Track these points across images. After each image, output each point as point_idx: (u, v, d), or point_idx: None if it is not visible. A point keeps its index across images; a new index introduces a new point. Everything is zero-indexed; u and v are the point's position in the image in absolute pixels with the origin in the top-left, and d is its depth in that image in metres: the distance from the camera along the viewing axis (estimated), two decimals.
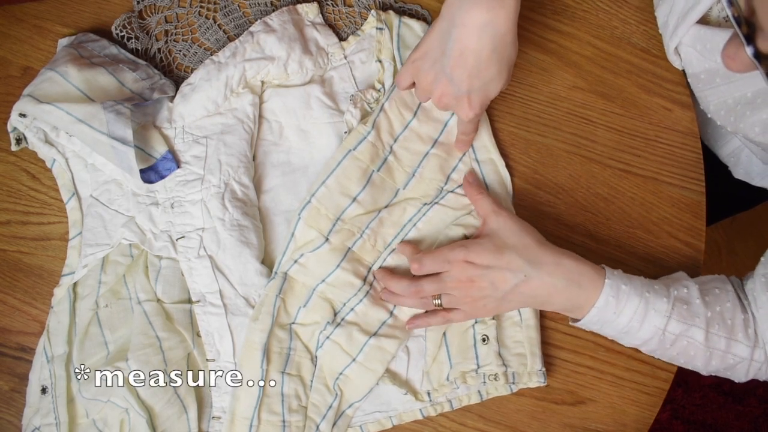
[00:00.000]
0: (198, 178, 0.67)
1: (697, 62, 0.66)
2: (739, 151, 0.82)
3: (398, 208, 0.69)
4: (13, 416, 0.68)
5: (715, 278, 0.66)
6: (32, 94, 0.64)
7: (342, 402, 0.67)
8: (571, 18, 0.75)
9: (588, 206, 0.73)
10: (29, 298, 0.69)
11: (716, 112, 0.68)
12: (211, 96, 0.68)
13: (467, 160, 0.71)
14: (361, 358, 0.66)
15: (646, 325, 0.62)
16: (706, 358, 0.63)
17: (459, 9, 0.56)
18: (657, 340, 0.63)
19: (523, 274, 0.62)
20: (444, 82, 0.59)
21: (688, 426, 1.38)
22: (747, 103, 0.64)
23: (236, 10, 0.73)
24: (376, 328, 0.67)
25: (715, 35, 0.63)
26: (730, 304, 0.63)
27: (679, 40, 0.67)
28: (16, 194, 0.70)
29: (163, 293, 0.66)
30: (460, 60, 0.57)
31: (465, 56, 0.57)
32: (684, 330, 0.62)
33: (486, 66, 0.57)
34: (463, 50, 0.57)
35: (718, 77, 0.65)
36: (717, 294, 0.64)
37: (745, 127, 0.65)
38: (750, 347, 0.62)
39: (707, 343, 0.62)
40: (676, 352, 0.64)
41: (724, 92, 0.65)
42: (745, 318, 0.63)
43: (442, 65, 0.59)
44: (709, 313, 0.62)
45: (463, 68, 0.58)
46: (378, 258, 0.68)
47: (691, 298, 0.63)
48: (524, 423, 0.69)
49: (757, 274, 0.64)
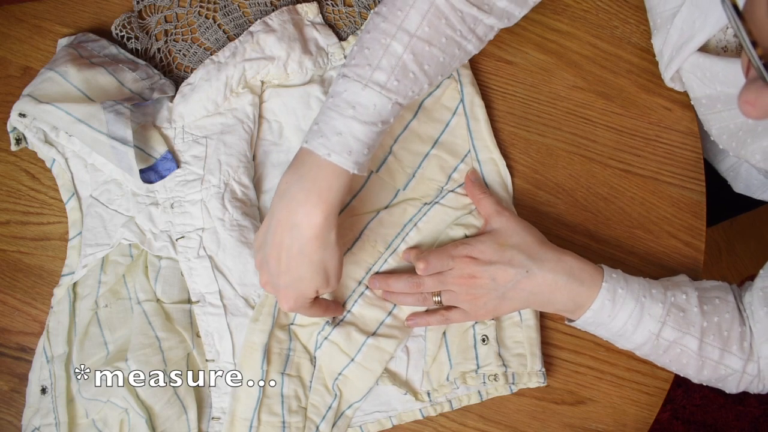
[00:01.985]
0: (198, 178, 0.67)
1: (698, 88, 0.66)
2: (738, 166, 0.81)
3: (398, 209, 0.69)
4: (13, 416, 0.68)
5: (718, 286, 0.66)
6: (32, 94, 0.64)
7: (341, 403, 0.66)
8: (571, 18, 0.75)
9: (588, 206, 0.73)
10: (29, 298, 0.69)
11: (718, 137, 0.67)
12: (210, 96, 0.68)
13: (469, 159, 0.71)
14: (359, 358, 0.66)
15: (641, 330, 0.62)
16: (698, 366, 0.63)
17: (278, 204, 0.57)
18: (650, 345, 0.63)
19: (526, 270, 0.62)
20: (265, 270, 0.60)
21: (688, 426, 1.38)
22: (749, 129, 0.63)
23: (236, 10, 0.73)
24: (374, 329, 0.67)
25: (714, 64, 0.62)
26: (728, 315, 0.63)
27: (673, 71, 0.67)
28: (16, 194, 0.70)
29: (163, 293, 0.66)
30: (275, 253, 0.57)
31: (278, 251, 0.57)
32: (678, 337, 0.62)
33: (295, 264, 0.57)
34: (278, 245, 0.57)
35: (719, 103, 0.64)
36: (717, 304, 0.63)
37: (746, 153, 0.64)
38: (743, 360, 0.62)
39: (700, 352, 0.62)
40: (668, 359, 0.64)
41: (726, 118, 0.65)
42: (743, 331, 0.62)
43: (264, 253, 0.59)
44: (705, 322, 0.62)
45: (276, 262, 0.58)
46: (379, 258, 0.68)
47: (689, 306, 0.62)
48: (524, 423, 0.69)
49: (755, 288, 0.64)
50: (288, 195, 0.56)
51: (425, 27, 0.58)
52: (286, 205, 0.56)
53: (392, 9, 0.59)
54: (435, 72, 0.60)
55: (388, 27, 0.58)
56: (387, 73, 0.57)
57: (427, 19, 0.58)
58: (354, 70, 0.57)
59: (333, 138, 0.55)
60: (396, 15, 0.58)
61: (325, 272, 0.58)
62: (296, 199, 0.56)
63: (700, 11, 0.62)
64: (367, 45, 0.58)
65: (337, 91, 0.57)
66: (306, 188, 0.56)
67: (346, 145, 0.55)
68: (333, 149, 0.55)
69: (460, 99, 0.71)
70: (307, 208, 0.55)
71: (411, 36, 0.58)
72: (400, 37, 0.58)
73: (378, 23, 0.59)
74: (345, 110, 0.56)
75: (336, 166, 0.55)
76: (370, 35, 0.59)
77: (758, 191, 0.81)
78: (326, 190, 0.55)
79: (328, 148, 0.55)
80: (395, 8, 0.59)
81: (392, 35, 0.58)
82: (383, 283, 0.67)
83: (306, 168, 0.56)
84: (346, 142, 0.55)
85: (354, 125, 0.56)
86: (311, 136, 0.56)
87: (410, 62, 0.58)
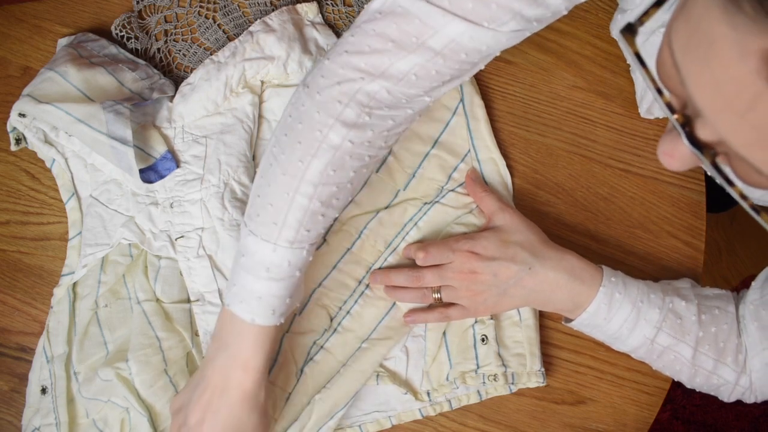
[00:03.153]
0: (197, 178, 0.67)
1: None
2: None
3: (399, 209, 0.69)
4: (13, 416, 0.67)
5: (720, 295, 0.65)
6: (32, 94, 0.64)
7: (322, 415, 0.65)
8: (571, 18, 0.75)
9: (588, 206, 0.73)
10: (29, 298, 0.69)
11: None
12: (210, 96, 0.68)
13: (469, 159, 0.71)
14: (350, 360, 0.66)
15: (636, 334, 0.62)
16: (690, 374, 0.63)
17: (207, 369, 0.57)
18: (645, 349, 0.63)
19: (528, 267, 0.62)
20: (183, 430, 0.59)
21: (688, 426, 1.38)
22: None
23: (236, 10, 0.73)
24: (371, 331, 0.67)
25: None
26: (726, 326, 0.62)
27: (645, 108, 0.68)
28: (16, 194, 0.70)
29: (163, 293, 0.66)
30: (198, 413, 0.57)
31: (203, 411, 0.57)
32: (672, 344, 0.62)
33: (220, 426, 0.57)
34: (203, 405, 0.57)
35: None
36: (716, 314, 0.63)
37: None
38: (737, 372, 0.62)
39: (694, 360, 0.62)
40: (662, 364, 0.64)
41: None
42: (739, 343, 0.62)
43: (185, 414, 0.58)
44: (701, 332, 0.62)
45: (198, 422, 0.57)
46: (379, 257, 0.68)
47: (687, 314, 0.62)
48: (524, 423, 0.69)
49: (747, 301, 0.64)
50: (217, 362, 0.57)
51: (330, 172, 0.55)
52: (214, 372, 0.57)
53: (291, 159, 0.54)
54: (347, 200, 0.58)
55: (288, 180, 0.54)
56: (295, 229, 0.55)
57: (332, 164, 0.54)
58: (260, 228, 0.55)
59: (253, 303, 0.55)
60: (296, 167, 0.54)
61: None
62: (225, 367, 0.57)
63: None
64: (269, 200, 0.55)
65: (248, 249, 0.55)
66: (233, 356, 0.56)
67: (269, 306, 0.56)
68: (256, 313, 0.55)
69: (460, 99, 0.71)
70: (237, 375, 0.56)
71: (315, 186, 0.54)
72: (304, 189, 0.54)
73: (277, 174, 0.55)
74: (259, 272, 0.55)
75: (261, 327, 0.56)
76: (271, 188, 0.55)
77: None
78: (252, 357, 0.56)
79: (251, 313, 0.55)
80: (295, 158, 0.54)
81: (295, 189, 0.54)
82: (384, 277, 0.67)
83: (232, 337, 0.57)
84: (268, 303, 0.55)
85: (272, 286, 0.55)
86: (231, 299, 0.56)
87: (318, 208, 0.55)
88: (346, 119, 0.54)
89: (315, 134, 0.54)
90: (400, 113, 0.56)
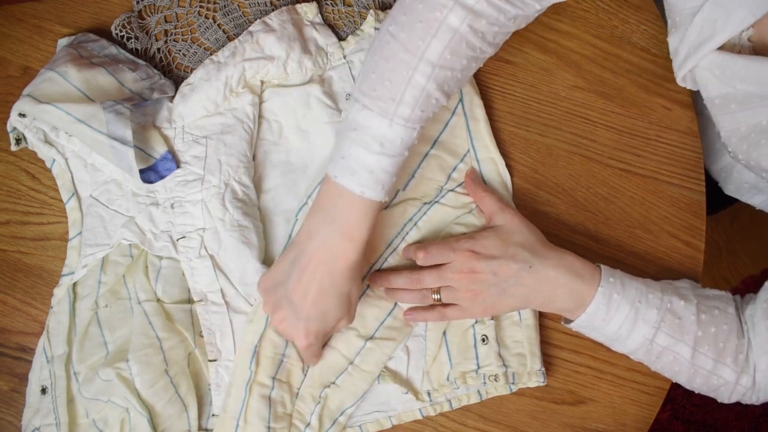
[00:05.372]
0: (198, 178, 0.67)
1: (714, 87, 0.65)
2: (730, 168, 0.81)
3: (398, 209, 0.69)
4: (13, 416, 0.68)
5: (720, 296, 0.65)
6: (32, 94, 0.64)
7: (333, 410, 0.66)
8: (571, 18, 0.75)
9: (588, 206, 0.73)
10: (29, 298, 0.69)
11: (727, 138, 0.67)
12: (210, 96, 0.68)
13: (468, 159, 0.71)
14: (357, 360, 0.66)
15: (635, 335, 0.62)
16: (690, 375, 0.63)
17: (309, 241, 0.59)
18: (644, 350, 0.63)
19: (529, 266, 0.63)
20: (285, 306, 0.60)
21: (688, 426, 1.38)
22: (762, 131, 0.62)
23: (236, 10, 0.73)
24: (374, 330, 0.67)
25: (735, 62, 0.62)
26: (726, 326, 0.62)
27: (688, 69, 0.67)
28: (16, 194, 0.70)
29: (164, 293, 0.66)
30: (301, 289, 0.59)
31: (306, 286, 0.59)
32: (671, 344, 0.62)
33: (324, 297, 0.59)
34: (306, 281, 0.59)
35: (733, 103, 0.64)
36: (715, 315, 0.63)
37: (759, 155, 0.63)
38: (737, 372, 0.62)
39: (693, 360, 0.62)
40: (661, 365, 0.64)
41: (739, 119, 0.64)
42: (739, 343, 0.62)
43: (286, 289, 0.60)
44: (700, 332, 0.62)
45: (302, 297, 0.59)
46: (379, 257, 0.68)
47: (686, 314, 0.62)
48: (524, 423, 0.69)
49: (759, 300, 0.64)
50: (320, 236, 0.59)
51: (447, 55, 0.58)
52: (320, 245, 0.58)
53: (412, 38, 0.57)
54: (454, 89, 0.61)
55: (408, 58, 0.57)
56: (411, 107, 0.57)
57: (450, 47, 0.58)
58: (377, 103, 0.57)
59: (365, 175, 0.57)
60: (417, 45, 0.57)
61: (348, 303, 0.61)
62: (331, 240, 0.58)
63: (723, 10, 0.61)
64: (387, 76, 0.57)
65: (362, 124, 0.58)
66: (339, 230, 0.58)
67: (379, 181, 0.58)
68: (366, 186, 0.57)
69: (460, 99, 0.71)
70: (342, 246, 0.58)
71: (433, 66, 0.58)
72: (423, 68, 0.57)
73: (397, 51, 0.58)
74: (373, 147, 0.57)
75: (369, 201, 0.58)
76: (389, 65, 0.58)
77: (747, 194, 0.81)
78: (358, 230, 0.58)
79: (361, 186, 0.57)
80: (415, 37, 0.57)
81: (414, 67, 0.57)
82: (384, 280, 0.67)
83: (337, 210, 0.58)
84: (378, 178, 0.57)
85: (383, 161, 0.57)
86: (341, 172, 0.58)
87: (433, 90, 0.58)
88: (465, 1, 0.57)
89: (435, 14, 0.57)
90: (511, 10, 0.59)
